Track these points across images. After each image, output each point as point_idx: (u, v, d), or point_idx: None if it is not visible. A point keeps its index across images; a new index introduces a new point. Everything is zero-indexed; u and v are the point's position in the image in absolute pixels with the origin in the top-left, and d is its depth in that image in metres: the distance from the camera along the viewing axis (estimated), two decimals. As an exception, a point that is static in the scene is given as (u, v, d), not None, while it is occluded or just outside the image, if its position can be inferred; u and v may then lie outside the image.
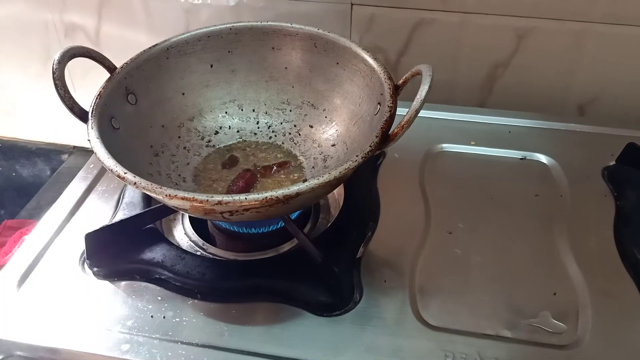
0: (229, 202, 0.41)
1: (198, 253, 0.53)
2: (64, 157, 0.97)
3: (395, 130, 0.46)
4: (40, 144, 0.99)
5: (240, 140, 0.62)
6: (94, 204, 0.58)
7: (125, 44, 0.83)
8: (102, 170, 0.62)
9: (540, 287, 0.48)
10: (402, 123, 0.45)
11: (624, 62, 0.69)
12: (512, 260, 0.51)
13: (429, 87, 0.45)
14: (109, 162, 0.44)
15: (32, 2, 0.83)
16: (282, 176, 0.58)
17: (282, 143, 0.61)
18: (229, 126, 0.62)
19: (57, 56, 0.51)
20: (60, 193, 0.63)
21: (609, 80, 0.71)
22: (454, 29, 0.70)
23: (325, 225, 0.57)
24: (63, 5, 0.82)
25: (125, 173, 0.43)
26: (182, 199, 0.41)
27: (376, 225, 0.55)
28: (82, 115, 0.50)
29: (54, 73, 0.50)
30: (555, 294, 0.47)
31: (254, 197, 0.41)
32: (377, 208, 0.57)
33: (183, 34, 0.59)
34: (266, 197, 0.40)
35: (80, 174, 0.62)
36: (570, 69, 0.71)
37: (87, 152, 0.98)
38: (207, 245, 0.55)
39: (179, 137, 0.59)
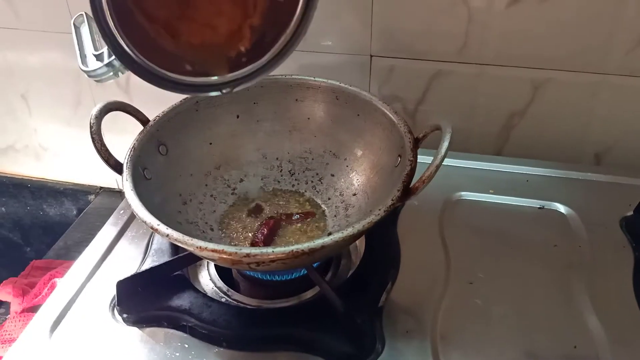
0: (256, 255, 0.42)
1: (223, 299, 0.55)
2: (91, 197, 1.00)
3: (416, 185, 0.48)
4: (67, 185, 1.02)
5: (264, 187, 0.64)
6: (124, 249, 0.60)
7: (154, 91, 0.86)
8: (132, 216, 0.65)
9: (561, 340, 0.49)
10: (423, 178, 0.47)
11: (639, 113, 0.71)
12: (532, 311, 0.52)
13: (449, 143, 0.47)
14: (143, 214, 0.46)
15: (66, 51, 0.87)
16: (304, 225, 0.59)
17: (305, 191, 0.63)
18: (254, 174, 0.64)
19: (94, 111, 0.54)
20: (87, 233, 0.65)
21: (624, 129, 0.72)
22: (471, 79, 0.73)
23: (346, 271, 0.59)
24: (95, 54, 0.86)
25: (158, 225, 0.45)
26: (212, 250, 0.43)
27: (397, 273, 0.56)
28: (116, 167, 0.52)
29: (91, 127, 0.53)
30: (575, 347, 0.48)
31: (280, 250, 0.42)
32: (397, 256, 0.58)
33: (212, 87, 0.62)
34: (292, 250, 0.42)
35: (111, 219, 0.64)
36: (586, 119, 0.73)
37: (113, 193, 1.01)
38: (231, 292, 0.56)
39: (206, 185, 0.62)
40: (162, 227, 0.45)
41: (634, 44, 0.66)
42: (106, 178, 1.01)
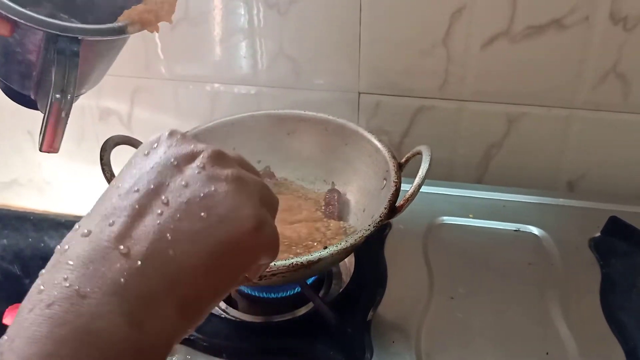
0: (257, 268, 0.47)
1: (223, 316, 0.59)
2: (91, 229, 1.04)
3: (401, 203, 0.53)
4: (69, 217, 1.06)
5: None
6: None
7: (155, 127, 0.91)
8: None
9: (534, 348, 0.53)
10: (407, 196, 0.52)
11: (606, 144, 0.76)
12: (508, 323, 0.56)
13: (429, 165, 0.53)
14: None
15: (73, 89, 0.92)
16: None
17: (298, 214, 0.68)
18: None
19: (104, 144, 0.59)
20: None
21: (594, 159, 0.78)
22: (452, 114, 0.79)
23: (337, 290, 0.63)
24: (99, 92, 0.91)
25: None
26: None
27: (384, 291, 0.60)
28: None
29: (101, 158, 0.57)
30: (547, 353, 0.52)
31: (282, 263, 0.47)
32: (384, 275, 0.62)
33: (210, 122, 0.68)
34: (292, 263, 0.47)
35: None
36: (559, 150, 0.79)
37: (113, 225, 1.05)
38: (230, 309, 0.60)
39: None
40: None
41: (598, 81, 0.72)
42: (106, 210, 1.05)
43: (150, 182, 0.26)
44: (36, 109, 0.55)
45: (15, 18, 0.43)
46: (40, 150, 0.49)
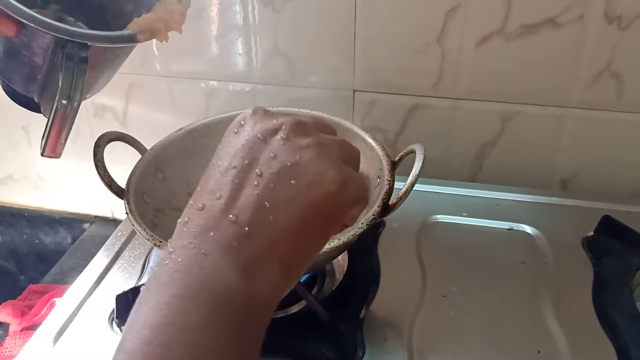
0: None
1: (216, 313, 0.59)
2: (86, 226, 1.04)
3: (395, 201, 0.52)
4: (63, 214, 1.06)
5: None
6: (122, 267, 0.64)
7: (149, 123, 0.91)
8: (129, 238, 0.69)
9: (527, 346, 0.53)
10: (400, 195, 0.52)
11: (600, 143, 0.77)
12: (500, 321, 0.56)
13: (422, 163, 0.53)
14: (144, 234, 0.50)
15: (67, 86, 0.92)
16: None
17: (292, 213, 0.68)
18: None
19: (97, 140, 0.58)
20: (83, 259, 0.68)
21: (588, 158, 0.78)
22: (446, 112, 0.79)
23: (330, 288, 0.63)
24: (95, 89, 0.91)
25: (160, 242, 0.49)
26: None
27: (377, 289, 0.60)
28: (118, 191, 0.56)
29: (95, 155, 0.57)
30: (539, 352, 0.52)
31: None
32: (378, 273, 0.62)
33: (205, 118, 0.68)
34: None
35: (109, 241, 0.68)
36: (553, 148, 0.79)
37: (107, 222, 1.05)
38: (223, 307, 0.60)
39: (200, 208, 0.66)
40: (164, 244, 0.49)
41: (592, 80, 0.72)
42: (101, 207, 1.05)
43: (244, 158, 0.30)
44: (38, 111, 0.54)
45: (25, 21, 0.42)
46: (42, 155, 0.49)
